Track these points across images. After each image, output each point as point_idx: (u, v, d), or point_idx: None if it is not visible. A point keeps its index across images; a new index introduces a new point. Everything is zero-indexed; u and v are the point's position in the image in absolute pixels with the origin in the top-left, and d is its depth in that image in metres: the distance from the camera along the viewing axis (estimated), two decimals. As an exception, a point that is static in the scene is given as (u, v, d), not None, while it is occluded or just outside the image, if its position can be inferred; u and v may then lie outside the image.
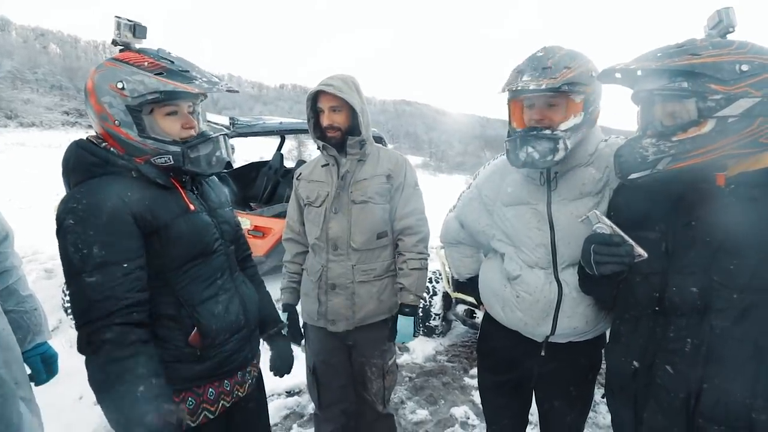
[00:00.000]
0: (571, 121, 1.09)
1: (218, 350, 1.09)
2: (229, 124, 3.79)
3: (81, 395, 2.40)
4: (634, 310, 1.01)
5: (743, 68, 0.81)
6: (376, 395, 1.66)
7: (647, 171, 0.91)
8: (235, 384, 1.16)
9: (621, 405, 1.06)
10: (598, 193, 1.18)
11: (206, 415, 1.09)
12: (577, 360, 1.28)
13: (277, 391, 2.59)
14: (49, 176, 9.19)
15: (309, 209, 1.59)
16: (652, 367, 0.96)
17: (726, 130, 0.82)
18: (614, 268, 0.95)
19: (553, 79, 1.04)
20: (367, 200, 1.52)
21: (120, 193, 0.97)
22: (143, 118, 1.01)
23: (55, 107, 33.14)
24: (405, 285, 1.57)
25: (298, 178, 1.66)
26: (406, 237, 1.58)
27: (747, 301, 0.83)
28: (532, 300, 1.21)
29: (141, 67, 0.99)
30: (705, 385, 0.88)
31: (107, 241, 0.93)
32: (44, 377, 1.31)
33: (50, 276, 4.03)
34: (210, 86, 1.04)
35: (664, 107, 0.92)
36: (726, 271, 0.85)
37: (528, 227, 1.23)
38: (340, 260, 1.54)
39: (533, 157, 1.10)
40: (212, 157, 1.08)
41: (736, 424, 0.85)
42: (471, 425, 2.38)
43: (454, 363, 3.07)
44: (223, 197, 1.25)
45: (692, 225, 0.91)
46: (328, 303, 1.55)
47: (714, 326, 0.87)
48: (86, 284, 0.92)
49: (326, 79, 1.49)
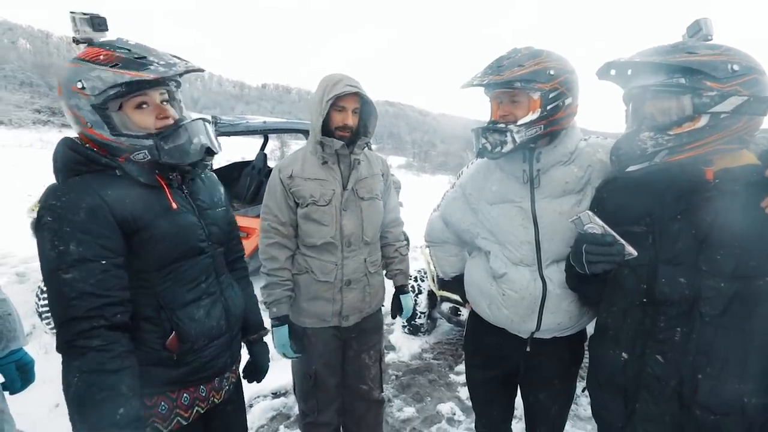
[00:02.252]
0: (528, 117, 1.13)
1: (196, 356, 1.06)
2: (212, 124, 3.73)
3: (57, 403, 2.31)
4: (622, 303, 1.04)
5: (735, 68, 0.86)
6: (374, 380, 1.73)
7: (646, 163, 0.94)
8: (211, 390, 1.13)
9: (609, 397, 1.08)
10: (581, 190, 1.22)
11: (179, 421, 1.06)
12: (560, 354, 1.32)
13: (263, 393, 2.57)
14: (20, 177, 8.83)
15: (312, 208, 1.51)
16: (642, 357, 0.99)
17: (718, 126, 0.87)
18: (606, 267, 0.98)
19: (498, 75, 1.12)
20: (374, 197, 1.61)
21: (99, 191, 0.94)
22: (112, 115, 0.96)
23: (26, 105, 31.82)
24: (402, 269, 1.78)
25: (290, 176, 1.54)
26: (394, 228, 1.76)
27: (733, 289, 0.87)
28: (518, 297, 1.24)
29: (97, 62, 0.94)
30: (699, 376, 0.91)
31: (84, 239, 0.90)
32: (19, 386, 1.26)
33: (22, 280, 3.88)
34: (166, 69, 0.97)
35: (659, 103, 0.95)
36: (713, 261, 0.89)
37: (513, 225, 1.25)
38: (353, 255, 1.57)
39: (486, 148, 1.18)
40: (189, 145, 1.02)
41: (730, 410, 0.89)
42: (457, 421, 2.41)
43: (439, 360, 3.10)
44: (216, 197, 1.20)
45: (678, 218, 0.95)
46: (344, 300, 1.56)
47: (703, 314, 0.90)
48: (63, 281, 0.89)
49: (346, 79, 1.47)
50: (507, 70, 1.13)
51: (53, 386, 2.39)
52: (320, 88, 1.49)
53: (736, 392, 0.87)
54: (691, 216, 0.93)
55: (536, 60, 1.13)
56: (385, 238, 1.74)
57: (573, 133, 1.23)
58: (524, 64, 1.12)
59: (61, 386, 0.90)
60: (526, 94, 1.13)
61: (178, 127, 1.01)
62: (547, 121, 1.14)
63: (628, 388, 1.02)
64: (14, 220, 4.28)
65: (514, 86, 1.12)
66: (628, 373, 1.02)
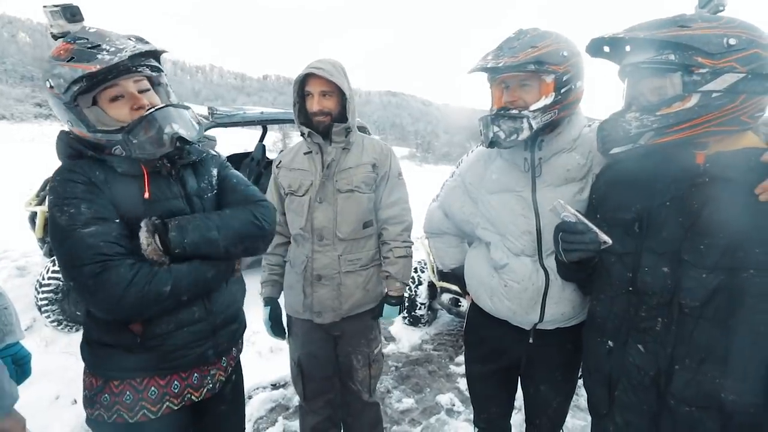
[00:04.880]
0: (541, 102, 1.08)
1: (160, 341, 0.99)
2: (208, 114, 3.69)
3: (57, 395, 2.32)
4: (609, 291, 1.01)
5: (731, 42, 0.79)
6: (362, 384, 1.65)
7: (629, 145, 0.90)
8: (186, 387, 1.06)
9: (596, 384, 1.07)
10: (582, 178, 1.17)
11: (145, 413, 1.00)
12: (563, 346, 1.29)
13: (263, 384, 2.57)
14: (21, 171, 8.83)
15: (291, 198, 1.53)
16: (626, 346, 0.97)
17: (709, 105, 0.81)
18: (581, 255, 0.97)
19: (514, 57, 1.04)
20: (353, 189, 1.49)
21: (88, 171, 0.94)
22: (85, 112, 0.92)
23: (26, 99, 31.83)
24: (391, 273, 1.58)
25: (278, 166, 1.59)
26: (390, 226, 1.59)
27: (716, 282, 0.82)
28: (521, 288, 1.21)
29: (59, 57, 0.90)
30: (676, 366, 0.88)
31: (92, 200, 0.91)
32: (15, 380, 1.26)
33: (23, 273, 3.89)
34: (111, 57, 0.88)
35: (649, 82, 0.90)
36: (696, 251, 0.85)
37: (513, 214, 1.22)
38: (325, 251, 1.50)
39: (499, 136, 1.11)
40: (161, 136, 0.94)
41: (706, 404, 0.85)
42: (456, 412, 2.40)
43: (439, 351, 3.09)
44: (206, 182, 1.14)
45: (667, 204, 0.90)
46: (314, 295, 1.51)
47: (683, 305, 0.86)
48: (84, 234, 0.87)
49: (315, 62, 1.41)
50: (521, 51, 1.05)
51: (53, 378, 2.41)
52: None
53: (714, 387, 0.84)
54: (680, 203, 0.88)
55: (548, 41, 1.06)
56: (381, 236, 1.61)
57: (577, 120, 1.18)
58: (537, 45, 1.05)
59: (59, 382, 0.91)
60: (538, 77, 1.07)
61: (143, 118, 0.93)
62: (561, 105, 1.09)
63: (612, 375, 1.00)
64: (15, 214, 4.29)
65: (528, 69, 1.04)
66: (612, 361, 1.00)
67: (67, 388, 2.35)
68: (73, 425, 2.11)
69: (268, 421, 2.29)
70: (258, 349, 2.94)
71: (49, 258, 3.18)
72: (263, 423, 2.27)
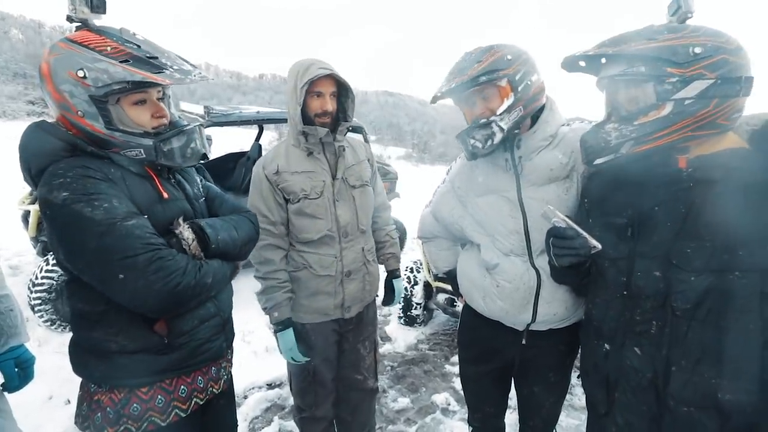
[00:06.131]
0: (504, 104, 1.14)
1: (189, 338, 1.04)
2: (204, 114, 3.67)
3: (51, 395, 2.32)
4: (604, 294, 1.03)
5: (696, 50, 0.82)
6: (369, 370, 1.71)
7: (611, 156, 0.93)
8: (209, 380, 1.12)
9: (594, 385, 1.08)
10: (566, 177, 1.20)
11: (177, 413, 1.04)
12: (556, 347, 1.30)
13: (258, 384, 2.57)
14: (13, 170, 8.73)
15: (305, 203, 1.45)
16: (622, 348, 0.98)
17: (683, 112, 0.84)
18: (572, 260, 1.01)
19: (463, 76, 1.13)
20: (364, 184, 1.58)
21: (103, 169, 0.92)
22: (109, 108, 0.93)
23: (19, 96, 31.50)
24: (394, 252, 1.78)
25: (278, 172, 1.45)
26: (383, 212, 1.76)
27: (705, 284, 0.84)
28: (512, 288, 1.22)
29: (103, 53, 0.90)
30: (673, 368, 0.90)
31: (120, 197, 0.91)
32: (16, 384, 1.22)
33: (15, 273, 3.86)
34: (182, 77, 0.95)
35: (626, 93, 0.93)
36: (683, 254, 0.87)
37: (501, 215, 1.24)
38: (351, 246, 1.54)
39: (477, 146, 1.17)
40: (187, 149, 1.02)
41: (704, 404, 0.87)
42: (452, 411, 2.42)
43: (435, 351, 3.10)
44: (197, 188, 1.19)
45: (656, 209, 0.92)
46: (345, 291, 1.54)
47: (675, 308, 0.88)
48: (129, 226, 0.87)
49: (317, 62, 1.40)
50: (468, 69, 1.13)
51: (47, 378, 2.39)
52: (291, 75, 1.42)
53: (710, 387, 0.85)
54: (668, 207, 0.90)
55: (491, 52, 1.14)
56: (375, 223, 1.72)
57: (553, 117, 1.22)
58: (481, 59, 1.14)
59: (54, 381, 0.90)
60: (493, 85, 1.13)
61: (181, 131, 1.01)
62: (524, 101, 1.14)
63: (610, 377, 1.02)
64: (7, 212, 4.25)
65: (480, 81, 1.12)
66: (610, 364, 1.02)
67: (60, 388, 2.34)
68: (66, 426, 2.10)
69: (264, 420, 2.29)
70: (254, 348, 2.94)
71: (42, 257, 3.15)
72: (259, 423, 2.27)
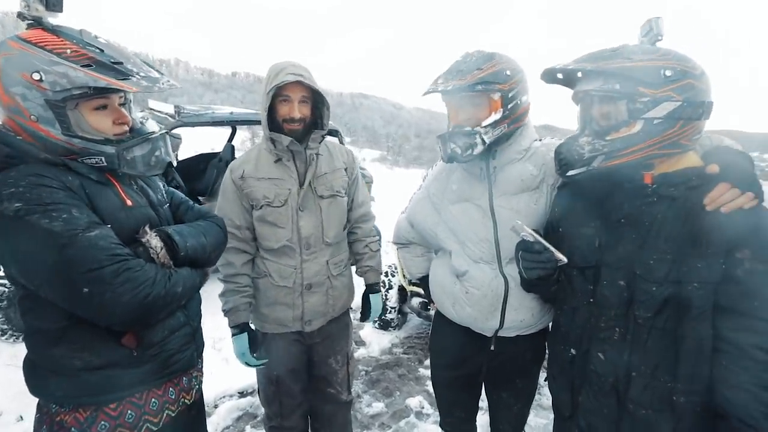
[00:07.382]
0: (491, 118, 1.16)
1: (158, 350, 1.01)
2: (175, 113, 3.56)
3: (1, 411, 2.17)
4: (572, 302, 1.08)
5: (667, 73, 0.87)
6: (341, 384, 1.66)
7: (584, 168, 0.97)
8: (180, 392, 1.09)
9: (560, 389, 1.13)
10: (536, 188, 1.25)
11: (149, 427, 1.00)
12: (523, 354, 1.35)
13: (229, 393, 2.51)
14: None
15: (267, 210, 1.43)
16: (587, 354, 1.03)
17: (652, 131, 0.89)
18: (540, 273, 1.06)
19: (462, 80, 1.14)
20: (334, 194, 1.51)
21: (59, 176, 0.86)
22: (67, 113, 0.88)
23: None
24: (373, 266, 1.69)
25: (243, 177, 1.44)
26: (363, 224, 1.68)
27: (665, 294, 0.89)
28: (481, 295, 1.26)
29: (62, 55, 0.85)
30: (633, 373, 0.95)
31: (80, 206, 0.86)
32: None
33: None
34: (150, 84, 0.92)
35: (599, 108, 0.98)
36: (646, 266, 0.92)
37: (473, 222, 1.27)
38: (313, 258, 1.48)
39: (456, 152, 1.19)
40: (151, 157, 0.98)
41: (660, 407, 0.93)
42: (425, 414, 2.45)
43: (409, 354, 3.13)
44: (161, 194, 1.15)
45: (622, 221, 0.98)
46: (305, 304, 1.48)
47: (637, 316, 0.94)
48: (91, 237, 0.83)
49: (291, 67, 1.37)
50: (468, 74, 1.14)
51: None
52: (266, 78, 1.39)
53: (667, 390, 0.92)
54: (633, 220, 0.96)
55: (492, 62, 1.16)
56: (354, 234, 1.66)
57: (527, 132, 1.27)
58: (482, 66, 1.15)
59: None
60: (486, 95, 1.16)
61: (146, 140, 0.98)
62: (510, 120, 1.17)
63: (575, 381, 1.07)
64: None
65: (476, 89, 1.14)
66: (575, 368, 1.07)
67: (11, 403, 2.19)
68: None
69: (235, 430, 2.24)
70: (224, 355, 2.86)
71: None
72: (229, 432, 2.21)
